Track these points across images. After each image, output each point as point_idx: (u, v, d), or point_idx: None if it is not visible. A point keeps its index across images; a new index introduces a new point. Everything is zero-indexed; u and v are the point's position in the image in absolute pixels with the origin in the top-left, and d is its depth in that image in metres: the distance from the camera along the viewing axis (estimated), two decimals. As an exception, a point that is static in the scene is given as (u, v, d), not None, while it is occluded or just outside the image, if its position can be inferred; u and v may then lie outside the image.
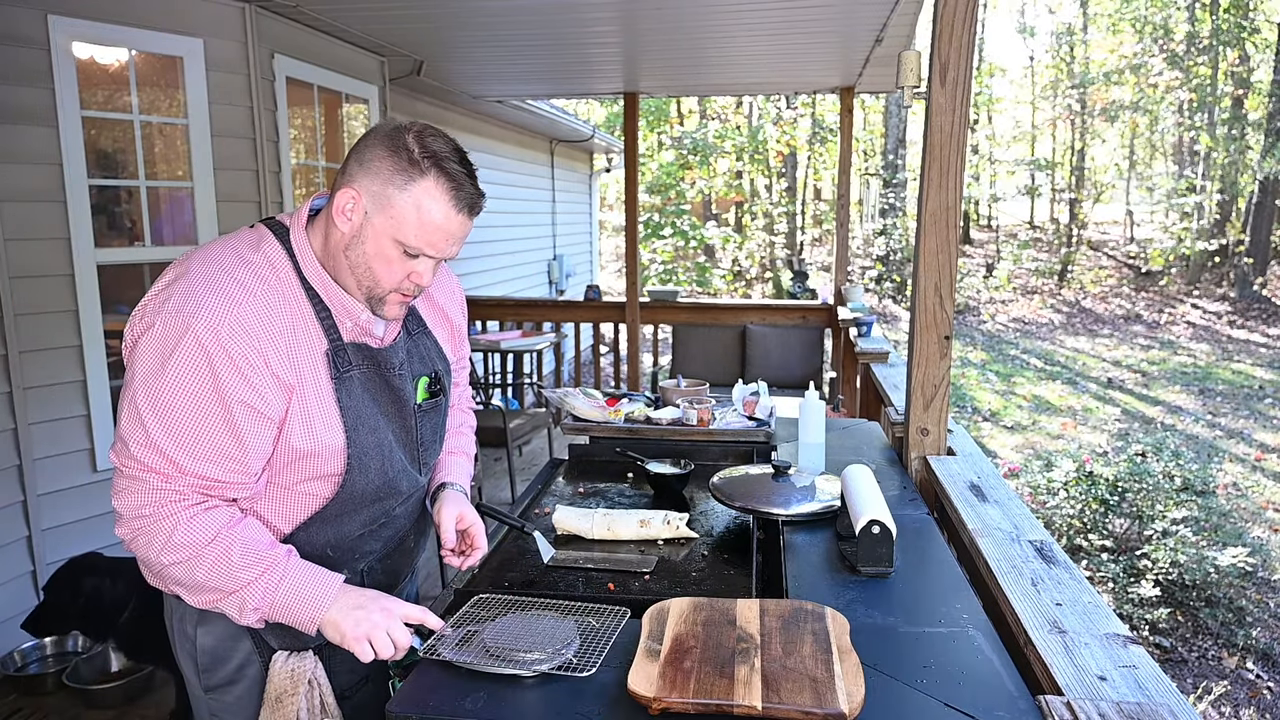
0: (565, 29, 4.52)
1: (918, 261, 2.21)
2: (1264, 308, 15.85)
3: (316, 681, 1.42)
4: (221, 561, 1.26)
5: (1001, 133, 22.54)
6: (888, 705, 1.15)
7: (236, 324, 1.24)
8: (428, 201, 1.27)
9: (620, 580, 1.64)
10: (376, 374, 1.41)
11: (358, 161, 1.30)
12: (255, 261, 1.31)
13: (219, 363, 1.22)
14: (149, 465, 1.24)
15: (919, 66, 3.84)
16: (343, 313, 1.37)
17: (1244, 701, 4.43)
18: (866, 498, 1.64)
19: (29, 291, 3.24)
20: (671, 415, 2.54)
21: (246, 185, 3.89)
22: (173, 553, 1.25)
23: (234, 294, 1.26)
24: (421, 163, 1.27)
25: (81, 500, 3.46)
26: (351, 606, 1.28)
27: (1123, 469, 5.71)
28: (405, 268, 1.31)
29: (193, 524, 1.25)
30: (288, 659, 1.42)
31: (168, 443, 1.23)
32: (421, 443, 1.52)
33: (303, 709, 1.39)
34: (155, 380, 1.22)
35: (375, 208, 1.28)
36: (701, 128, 19.12)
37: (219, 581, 1.27)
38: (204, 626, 1.42)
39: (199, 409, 1.23)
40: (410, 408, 1.47)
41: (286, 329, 1.29)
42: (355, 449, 1.37)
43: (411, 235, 1.28)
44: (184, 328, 1.22)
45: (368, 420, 1.39)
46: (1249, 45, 17.37)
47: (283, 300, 1.31)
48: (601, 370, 7.88)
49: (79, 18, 3.28)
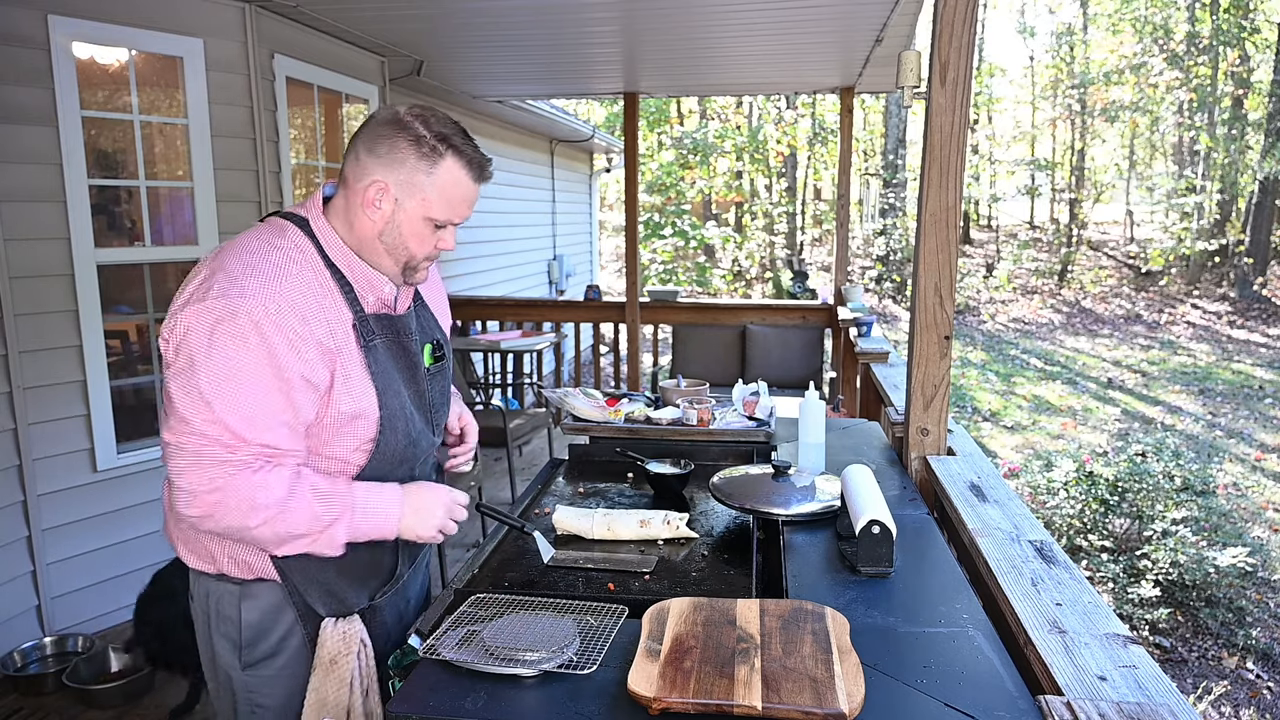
0: (565, 29, 4.52)
1: (918, 261, 2.21)
2: (1264, 308, 15.85)
3: (366, 643, 1.52)
4: (304, 510, 1.37)
5: (1001, 133, 22.54)
6: (888, 705, 1.15)
7: (282, 301, 1.34)
8: (450, 180, 1.43)
9: (620, 580, 1.64)
10: (395, 341, 1.52)
11: (370, 153, 1.42)
12: (284, 246, 1.41)
13: (271, 338, 1.31)
14: (214, 439, 1.31)
15: (919, 66, 3.84)
16: (366, 288, 1.48)
17: (1244, 701, 4.43)
18: (866, 498, 1.64)
19: (29, 291, 3.24)
20: (671, 415, 2.54)
21: (246, 185, 3.89)
22: (258, 514, 1.34)
23: (273, 275, 1.36)
24: (438, 147, 1.41)
25: (81, 500, 3.46)
26: (415, 510, 1.48)
27: (1123, 469, 5.71)
28: (435, 238, 1.48)
29: (268, 484, 1.34)
30: (338, 624, 1.50)
31: (231, 417, 1.30)
32: (432, 405, 1.64)
33: (356, 670, 1.48)
34: (212, 360, 1.30)
35: (405, 194, 1.42)
36: (701, 128, 19.12)
37: (306, 528, 1.38)
38: (248, 602, 1.49)
39: (257, 383, 1.32)
40: (421, 371, 1.59)
41: (318, 305, 1.40)
42: (385, 412, 1.47)
43: (441, 211, 1.44)
44: (234, 310, 1.30)
45: (392, 385, 1.50)
46: (1249, 45, 17.37)
47: (318, 278, 1.42)
48: (601, 370, 7.88)
49: (79, 18, 3.28)
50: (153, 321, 3.74)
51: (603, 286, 11.36)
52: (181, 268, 3.82)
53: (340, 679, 1.47)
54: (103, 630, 3.55)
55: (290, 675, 1.52)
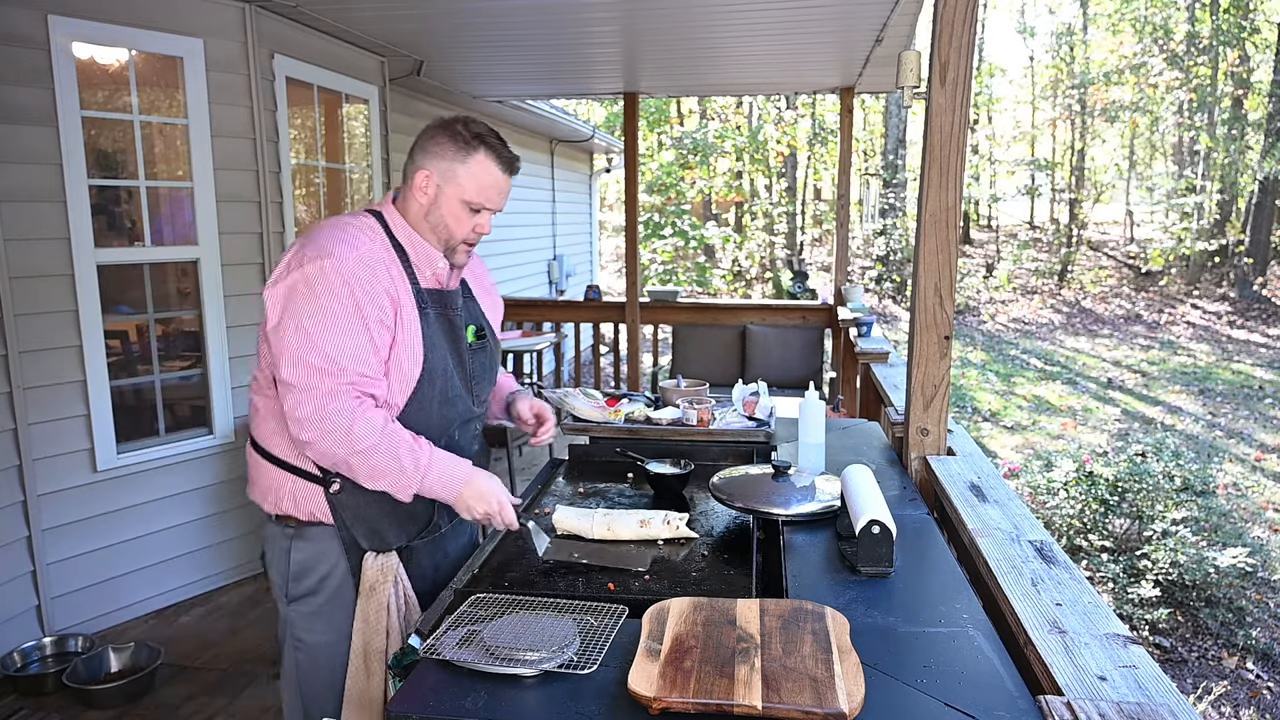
0: (565, 29, 4.52)
1: (918, 261, 2.20)
2: (1264, 308, 15.85)
3: (401, 578, 1.77)
4: (391, 451, 1.63)
5: (1001, 133, 22.53)
6: (888, 705, 1.15)
7: (360, 259, 1.66)
8: (482, 169, 1.74)
9: (620, 580, 1.64)
10: (443, 313, 1.81)
11: (422, 150, 1.76)
12: (358, 224, 1.75)
13: (354, 289, 1.63)
14: (322, 370, 1.60)
15: (919, 66, 3.84)
16: (423, 263, 1.79)
17: (1244, 701, 4.43)
18: (866, 498, 1.64)
19: (29, 291, 3.24)
20: (671, 415, 2.54)
21: (246, 185, 3.89)
22: (355, 443, 1.61)
23: (353, 240, 1.68)
24: (473, 141, 1.73)
25: (81, 500, 3.46)
26: (475, 492, 1.70)
27: (1123, 469, 5.71)
28: (471, 221, 1.78)
29: (365, 419, 1.62)
30: (377, 558, 1.76)
31: (334, 351, 1.61)
32: (473, 376, 1.90)
33: (391, 597, 1.74)
34: (312, 307, 1.62)
35: (444, 180, 1.74)
36: (701, 128, 19.11)
37: (389, 466, 1.63)
38: (298, 543, 1.79)
39: (349, 324, 1.63)
40: (464, 344, 1.87)
41: (387, 267, 1.70)
42: (428, 365, 1.75)
43: (474, 195, 1.75)
44: (324, 269, 1.62)
45: (438, 347, 1.79)
46: (1249, 45, 17.36)
47: (385, 249, 1.73)
48: (601, 370, 7.87)
49: (79, 18, 3.28)
50: (153, 321, 3.74)
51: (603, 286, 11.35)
52: (181, 268, 3.82)
53: (379, 604, 1.73)
54: (103, 630, 3.55)
55: (326, 616, 1.79)
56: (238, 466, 3.99)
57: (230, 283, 3.87)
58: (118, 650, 3.25)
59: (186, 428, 3.89)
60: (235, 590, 3.96)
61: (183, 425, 3.90)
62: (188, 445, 3.81)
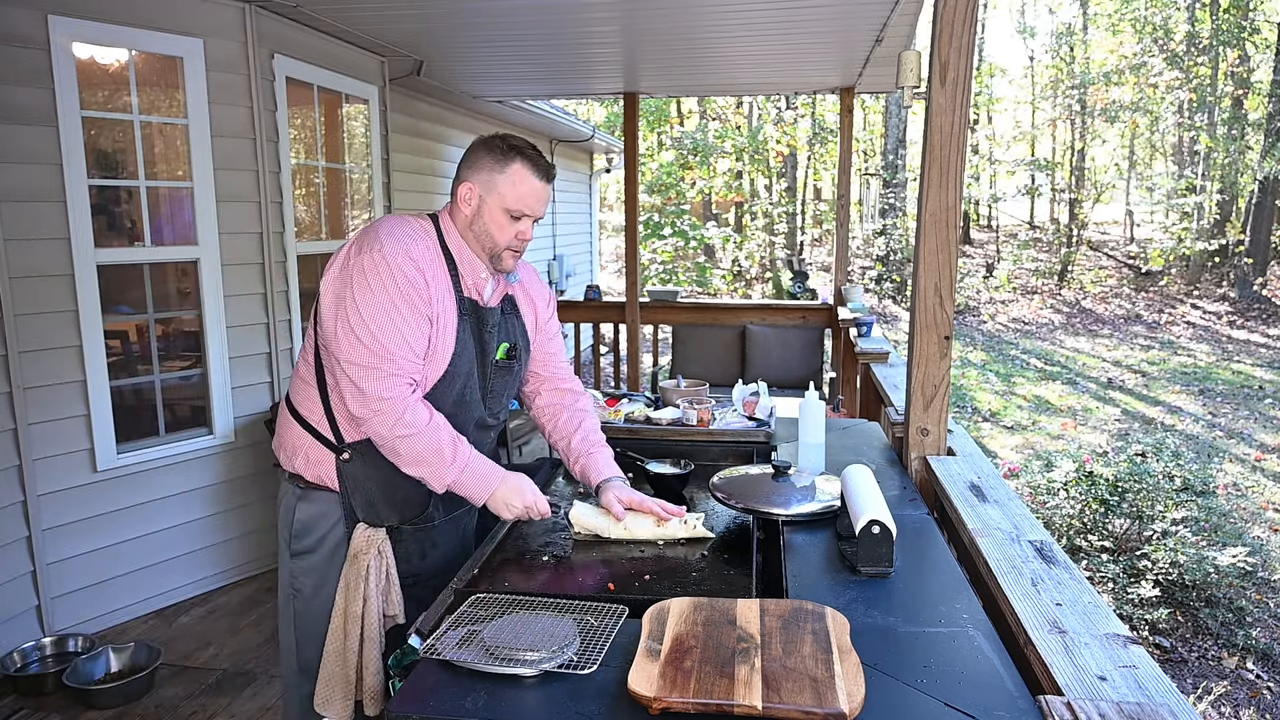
0: (565, 29, 4.52)
1: (918, 261, 2.21)
2: (1264, 308, 15.85)
3: (384, 552, 1.89)
4: (433, 442, 1.77)
5: (1001, 133, 22.52)
6: (888, 705, 1.15)
7: (408, 255, 1.78)
8: (519, 177, 1.84)
9: (620, 580, 1.64)
10: (478, 325, 1.92)
11: (466, 165, 1.88)
12: (414, 224, 1.88)
13: (402, 281, 1.76)
14: (377, 354, 1.74)
15: (919, 66, 3.84)
16: (468, 271, 1.90)
17: (1244, 701, 4.43)
18: (866, 498, 1.64)
19: (29, 291, 3.24)
20: (671, 415, 2.54)
21: (246, 185, 3.89)
22: (403, 428, 1.75)
23: (404, 239, 1.80)
24: (510, 153, 1.85)
25: (81, 500, 3.46)
26: (508, 494, 1.83)
27: (1123, 469, 5.70)
28: (513, 229, 1.87)
29: (415, 409, 1.76)
30: (365, 529, 1.88)
31: (384, 337, 1.74)
32: (491, 390, 1.99)
33: (373, 567, 1.85)
34: (364, 294, 1.75)
35: (486, 190, 1.85)
36: (701, 128, 19.10)
37: (429, 456, 1.77)
38: (304, 503, 1.93)
39: (397, 313, 1.75)
40: (490, 359, 1.95)
41: (433, 269, 1.82)
42: (452, 367, 1.86)
43: (513, 202, 1.85)
44: (376, 263, 1.76)
45: (467, 353, 1.89)
46: (1249, 45, 17.35)
47: (434, 252, 1.86)
48: (601, 370, 7.87)
49: (79, 18, 3.28)
50: (153, 321, 3.74)
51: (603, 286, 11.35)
52: (181, 268, 3.82)
53: (359, 571, 1.85)
54: (103, 630, 3.55)
55: (320, 572, 1.93)
56: (238, 466, 3.99)
57: (230, 283, 3.87)
58: (118, 650, 3.25)
59: (186, 428, 3.89)
60: (235, 590, 3.96)
61: (183, 425, 3.90)
62: (188, 445, 3.81)
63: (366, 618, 1.85)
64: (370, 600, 1.85)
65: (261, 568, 4.12)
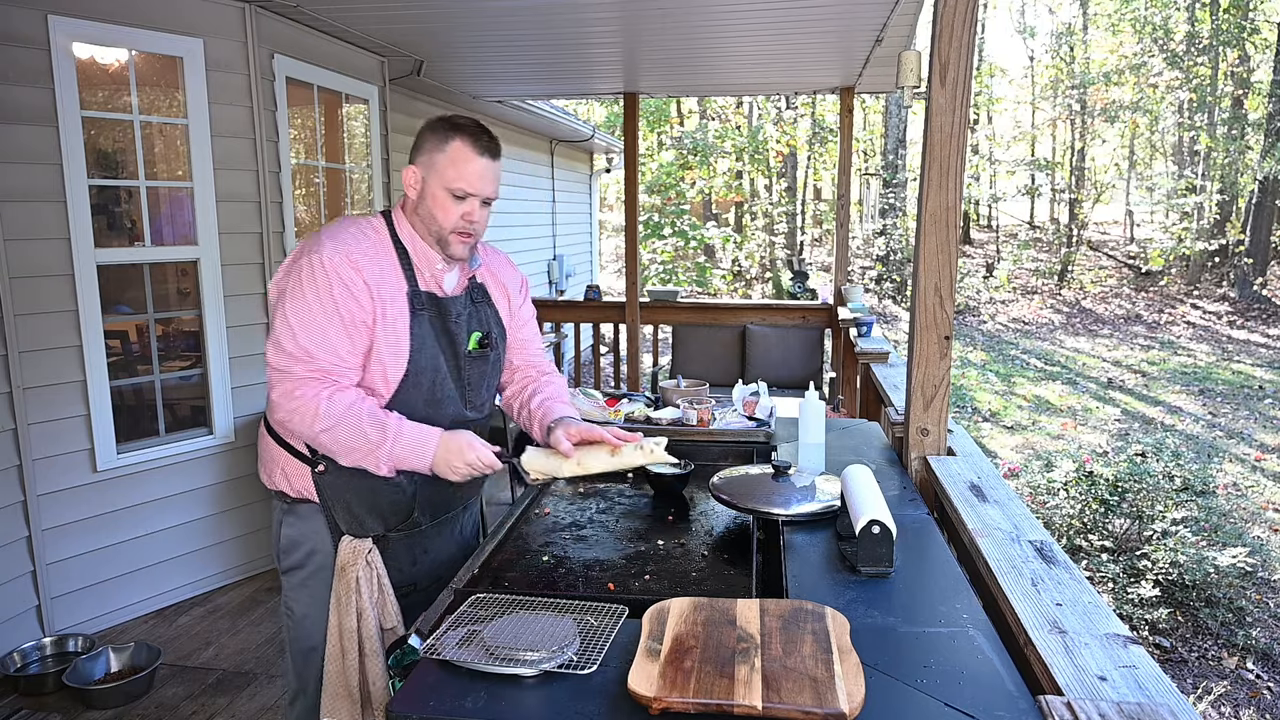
0: (565, 29, 4.52)
1: (918, 261, 2.20)
2: (1264, 308, 15.85)
3: (373, 563, 1.83)
4: (356, 427, 1.71)
5: (1001, 133, 22.53)
6: (888, 705, 1.15)
7: (342, 253, 1.74)
8: (459, 154, 1.78)
9: (620, 580, 1.64)
10: (439, 317, 1.86)
11: (414, 149, 1.84)
12: (361, 222, 1.85)
13: (334, 282, 1.72)
14: (295, 355, 1.71)
15: (919, 66, 3.84)
16: (422, 263, 1.85)
17: (1244, 701, 4.43)
18: (866, 498, 1.64)
19: (29, 291, 3.24)
20: (671, 415, 2.54)
21: (246, 185, 3.89)
22: (321, 422, 1.70)
23: (344, 237, 1.78)
24: (450, 130, 1.79)
25: (81, 500, 3.46)
26: (447, 450, 1.74)
27: (1123, 469, 5.70)
28: (458, 210, 1.80)
29: (332, 400, 1.71)
30: (350, 541, 1.83)
31: (305, 339, 1.71)
32: (469, 383, 1.92)
33: (361, 578, 1.80)
34: (296, 295, 1.72)
35: (428, 171, 1.80)
36: (701, 128, 19.11)
37: (357, 442, 1.72)
38: (289, 519, 1.90)
39: (324, 315, 1.72)
40: (463, 351, 1.90)
41: (378, 268, 1.78)
42: (413, 365, 1.81)
43: (454, 180, 1.78)
44: (312, 262, 1.73)
45: (429, 349, 1.83)
46: (1249, 45, 17.35)
47: (380, 249, 1.81)
48: (601, 370, 7.87)
49: (79, 18, 3.28)
50: (153, 321, 3.74)
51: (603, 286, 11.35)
52: (181, 268, 3.82)
53: (348, 584, 1.80)
54: (103, 630, 3.55)
55: (311, 590, 1.90)
56: (238, 466, 3.99)
57: (230, 283, 3.87)
58: (118, 650, 3.25)
59: (186, 428, 3.89)
60: (235, 590, 3.96)
61: (183, 425, 3.90)
62: (188, 445, 3.81)
63: (364, 631, 1.80)
64: (365, 614, 1.80)
65: (261, 568, 4.12)
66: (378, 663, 1.80)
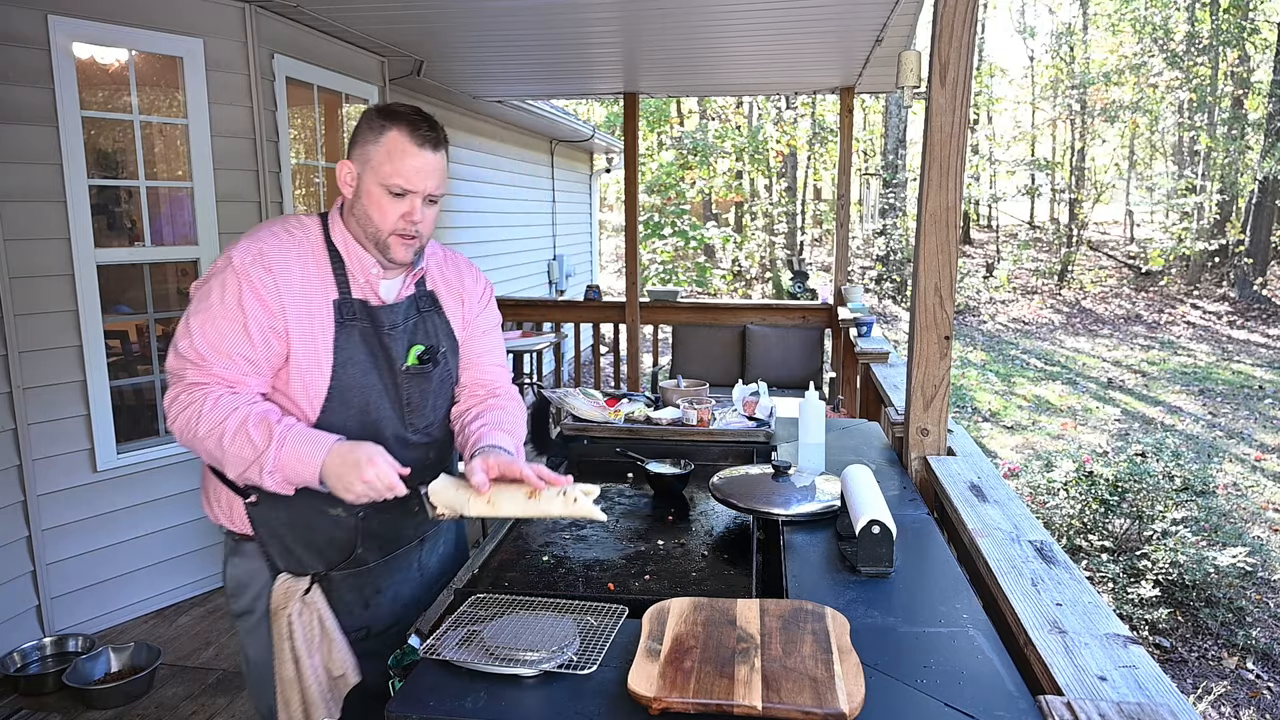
0: (565, 29, 4.52)
1: (918, 261, 2.21)
2: (1264, 308, 15.85)
3: (312, 603, 1.64)
4: (240, 433, 1.50)
5: (1001, 133, 22.53)
6: (888, 705, 1.15)
7: (258, 257, 1.58)
8: (395, 146, 1.58)
9: (620, 580, 1.64)
10: (372, 329, 1.66)
11: (350, 143, 1.66)
12: (289, 223, 1.68)
13: (243, 287, 1.56)
14: (188, 359, 1.55)
15: (919, 66, 3.84)
16: (357, 268, 1.67)
17: (1244, 701, 4.43)
18: (866, 498, 1.64)
19: (29, 291, 3.24)
20: (671, 415, 2.54)
21: (246, 185, 3.89)
22: (204, 425, 1.51)
23: (262, 237, 1.62)
24: (385, 120, 1.60)
25: (81, 500, 3.46)
26: (341, 469, 1.49)
27: (1123, 469, 5.70)
28: (397, 209, 1.61)
29: (219, 402, 1.53)
30: (285, 580, 1.66)
31: (201, 342, 1.55)
32: (408, 402, 1.72)
33: (295, 621, 1.61)
34: (202, 298, 1.58)
35: (362, 166, 1.61)
36: (701, 128, 19.11)
37: (241, 450, 1.51)
38: (234, 558, 1.73)
39: (225, 321, 1.55)
40: (398, 367, 1.69)
41: (300, 271, 1.61)
42: (337, 382, 1.62)
43: (389, 176, 1.58)
44: (225, 265, 1.58)
45: (358, 364, 1.64)
46: (1249, 45, 17.36)
47: (303, 250, 1.64)
48: (601, 370, 7.87)
49: (79, 18, 3.28)
50: (153, 321, 3.74)
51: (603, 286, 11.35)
52: (181, 268, 3.82)
53: (280, 629, 1.62)
54: (103, 630, 3.55)
55: (262, 635, 1.70)
56: (238, 466, 3.98)
57: (230, 283, 3.86)
58: (118, 650, 3.25)
59: (186, 428, 3.89)
60: (235, 590, 3.96)
61: (183, 425, 3.89)
62: (188, 445, 3.81)
63: (303, 680, 1.61)
64: (302, 660, 1.60)
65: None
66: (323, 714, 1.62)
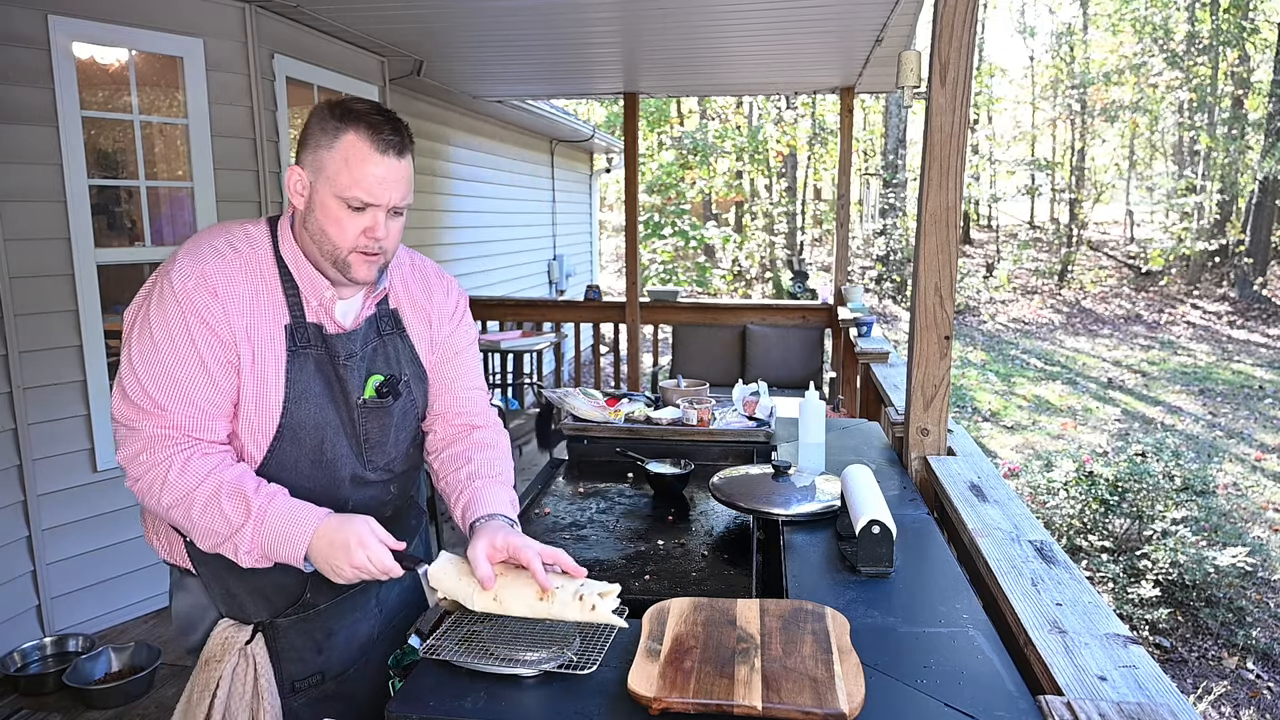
0: (565, 29, 4.52)
1: (918, 261, 2.20)
2: (1264, 308, 15.85)
3: (251, 657, 1.45)
4: (212, 504, 1.33)
5: (1001, 133, 22.53)
6: (888, 705, 1.15)
7: (200, 279, 1.36)
8: (353, 152, 1.36)
9: (620, 580, 1.63)
10: (326, 356, 1.47)
11: (300, 144, 1.42)
12: (234, 234, 1.45)
13: (189, 314, 1.35)
14: (142, 408, 1.35)
15: (919, 66, 3.84)
16: (309, 289, 1.45)
17: (1244, 701, 4.43)
18: (866, 498, 1.64)
19: (29, 291, 3.24)
20: (671, 415, 2.54)
21: (246, 185, 3.89)
22: (170, 494, 1.33)
23: (203, 254, 1.39)
24: (342, 122, 1.37)
25: (81, 500, 3.46)
26: (329, 543, 1.32)
27: (1123, 469, 5.71)
28: (357, 224, 1.39)
29: (186, 467, 1.34)
30: (226, 628, 1.47)
31: (153, 387, 1.34)
32: (367, 439, 1.52)
33: (225, 677, 1.42)
34: (143, 330, 1.37)
35: (315, 174, 1.39)
36: (701, 128, 19.11)
37: (213, 524, 1.34)
38: (179, 594, 1.53)
39: (175, 354, 1.35)
40: (353, 400, 1.50)
41: (250, 293, 1.41)
42: (289, 419, 1.43)
43: (347, 187, 1.36)
44: (164, 287, 1.37)
45: (313, 398, 1.45)
46: (1249, 45, 17.36)
47: (251, 269, 1.42)
48: (601, 370, 7.87)
49: (79, 18, 3.28)
50: (153, 321, 3.73)
51: (603, 286, 11.35)
52: (181, 268, 3.82)
53: (206, 684, 1.42)
54: (103, 630, 3.55)
55: None
56: (238, 466, 3.99)
57: (230, 283, 3.86)
58: (118, 650, 3.25)
59: (186, 428, 3.89)
60: (235, 590, 3.96)
61: (183, 425, 3.89)
62: (188, 445, 3.81)
63: None
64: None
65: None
66: None
